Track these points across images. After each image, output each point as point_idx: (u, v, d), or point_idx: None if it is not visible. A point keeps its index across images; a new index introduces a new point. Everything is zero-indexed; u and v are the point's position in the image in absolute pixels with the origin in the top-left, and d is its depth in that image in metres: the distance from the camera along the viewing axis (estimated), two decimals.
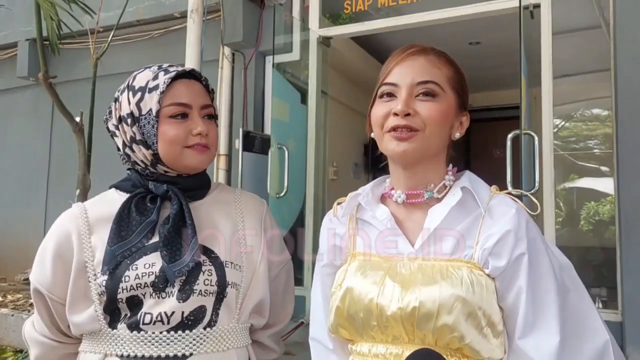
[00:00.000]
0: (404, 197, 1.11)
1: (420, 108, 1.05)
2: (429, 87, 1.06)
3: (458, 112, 1.10)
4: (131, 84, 1.25)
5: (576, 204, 3.64)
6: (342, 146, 5.41)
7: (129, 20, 4.57)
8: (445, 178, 1.11)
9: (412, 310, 0.99)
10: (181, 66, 1.28)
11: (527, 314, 1.00)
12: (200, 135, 1.22)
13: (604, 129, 3.48)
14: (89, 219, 1.24)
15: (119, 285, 1.15)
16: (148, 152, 1.22)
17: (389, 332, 1.03)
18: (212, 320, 1.18)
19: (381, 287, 1.03)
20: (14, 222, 5.74)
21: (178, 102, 1.21)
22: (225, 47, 4.15)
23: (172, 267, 1.14)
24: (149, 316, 1.15)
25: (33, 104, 5.73)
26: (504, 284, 1.02)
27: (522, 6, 3.00)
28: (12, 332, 4.19)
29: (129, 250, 1.18)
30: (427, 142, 1.05)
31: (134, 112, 1.22)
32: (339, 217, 1.18)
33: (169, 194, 1.23)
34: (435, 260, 1.04)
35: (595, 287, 3.42)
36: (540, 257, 1.02)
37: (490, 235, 1.02)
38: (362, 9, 4.04)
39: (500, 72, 5.36)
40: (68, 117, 3.36)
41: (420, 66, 1.08)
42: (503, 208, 1.05)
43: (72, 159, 3.78)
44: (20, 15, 5.24)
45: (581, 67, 3.51)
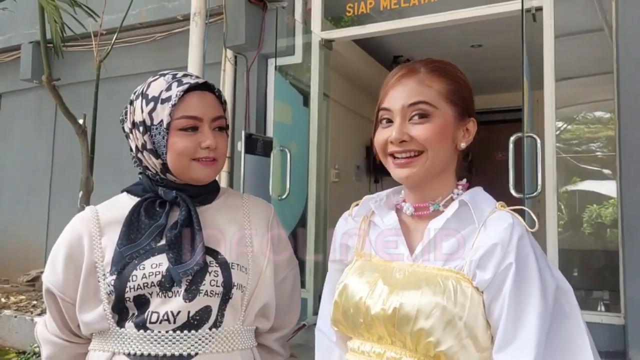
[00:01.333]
0: (412, 209, 1.14)
1: (415, 132, 1.07)
2: (420, 107, 1.07)
3: (459, 122, 1.10)
4: (145, 92, 1.26)
5: (578, 207, 3.64)
6: (344, 149, 5.41)
7: (132, 23, 4.59)
8: (453, 192, 1.13)
9: (393, 311, 1.02)
10: (195, 77, 1.29)
11: (506, 329, 0.99)
12: (209, 148, 1.24)
13: (607, 132, 3.47)
14: (100, 221, 1.27)
15: (126, 285, 1.18)
16: (157, 161, 1.25)
17: (374, 331, 1.06)
18: (218, 320, 1.20)
19: (372, 288, 1.07)
20: (17, 224, 5.76)
21: (189, 115, 1.23)
22: (227, 50, 4.16)
23: (177, 269, 1.17)
24: (156, 315, 1.17)
25: (36, 106, 5.75)
26: (489, 297, 1.02)
27: (525, 9, 3.00)
28: (15, 333, 4.20)
29: (137, 252, 1.21)
30: (430, 162, 1.07)
31: (146, 121, 1.24)
32: (353, 216, 1.22)
33: (177, 199, 1.26)
34: (427, 268, 1.06)
35: (598, 290, 3.41)
36: (529, 272, 1.01)
37: (479, 247, 1.03)
38: (365, 12, 4.04)
39: (502, 74, 5.35)
40: (71, 119, 3.37)
41: (410, 88, 1.09)
42: (498, 222, 1.05)
43: (75, 161, 3.79)
44: (24, 18, 5.27)
45: (583, 69, 3.51)
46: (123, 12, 3.76)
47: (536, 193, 3.02)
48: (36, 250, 5.33)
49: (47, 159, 5.64)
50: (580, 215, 3.62)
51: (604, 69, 3.19)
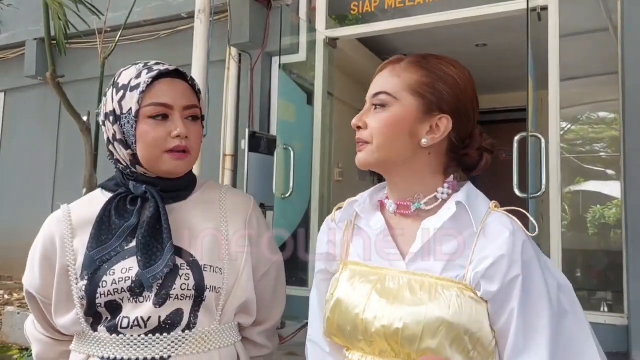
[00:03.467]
0: (394, 207, 1.10)
1: (370, 120, 1.07)
2: (379, 98, 1.06)
3: (424, 116, 1.04)
4: (116, 81, 1.23)
5: (582, 208, 3.63)
6: (347, 147, 5.38)
7: (137, 21, 4.59)
8: (438, 190, 1.07)
9: (395, 330, 0.98)
10: (168, 65, 1.25)
11: (517, 338, 0.97)
12: (180, 137, 1.18)
13: (611, 132, 3.46)
14: (72, 222, 1.23)
15: (97, 290, 1.15)
16: (127, 152, 1.20)
17: (375, 346, 1.02)
18: (191, 322, 1.17)
19: (367, 302, 1.02)
20: (21, 221, 5.76)
21: (158, 102, 1.18)
22: (232, 48, 4.16)
23: (146, 273, 1.13)
24: (127, 320, 1.15)
25: (40, 103, 5.76)
26: (495, 307, 0.99)
27: (530, 8, 2.99)
28: (18, 330, 4.21)
29: (108, 254, 1.17)
30: (379, 152, 1.05)
31: (116, 110, 1.20)
32: (336, 222, 1.17)
33: (147, 195, 1.21)
34: (424, 277, 1.01)
35: (601, 290, 3.40)
36: (534, 280, 0.99)
37: (484, 258, 0.99)
38: (369, 10, 4.04)
39: (507, 74, 5.34)
40: (75, 116, 3.37)
41: (380, 79, 1.08)
42: (498, 228, 1.01)
43: (79, 158, 3.80)
44: (29, 15, 5.27)
45: (588, 69, 3.50)
46: (127, 10, 3.76)
47: (540, 193, 3.02)
48: None
49: (51, 156, 5.65)
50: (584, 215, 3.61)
51: (609, 69, 3.18)
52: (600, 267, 3.55)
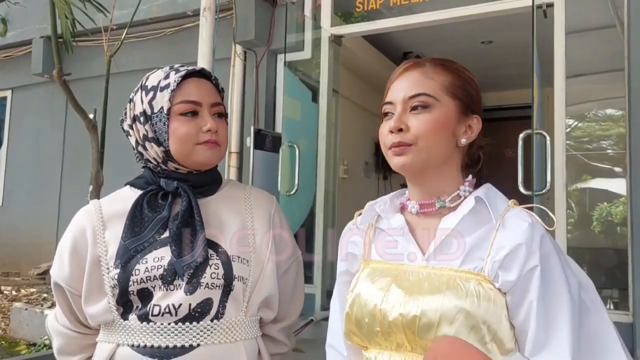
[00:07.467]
0: (417, 207, 1.12)
1: (412, 122, 1.06)
2: (420, 99, 1.06)
3: (461, 117, 1.08)
4: (144, 84, 1.30)
5: (588, 205, 3.62)
6: (352, 145, 5.41)
7: (142, 19, 4.61)
8: (460, 188, 1.10)
9: (413, 318, 0.99)
10: (192, 66, 1.32)
11: (538, 332, 0.97)
12: (210, 132, 1.25)
13: (617, 130, 3.45)
14: (103, 215, 1.29)
15: (129, 278, 1.20)
16: (160, 149, 1.26)
17: (392, 339, 1.03)
18: (219, 312, 1.22)
19: (386, 293, 1.04)
20: (28, 218, 5.81)
21: (188, 100, 1.25)
22: (237, 45, 4.17)
23: (180, 262, 1.20)
24: (158, 308, 1.19)
25: (47, 100, 5.79)
26: (514, 299, 0.99)
27: (536, 5, 2.98)
28: (26, 325, 4.24)
29: (141, 245, 1.23)
30: (424, 153, 1.05)
31: (146, 111, 1.26)
32: (358, 225, 1.20)
33: (179, 190, 1.27)
34: (444, 270, 1.03)
35: (607, 288, 3.40)
36: (554, 272, 0.99)
37: (501, 248, 1.00)
38: (374, 8, 4.04)
39: (512, 71, 5.33)
40: (82, 114, 3.39)
41: (412, 80, 1.08)
42: (517, 221, 1.03)
43: (86, 155, 3.82)
44: (35, 13, 5.30)
45: (594, 66, 3.48)
46: (133, 8, 3.77)
47: (545, 190, 3.01)
48: (47, 243, 5.37)
49: (57, 153, 5.69)
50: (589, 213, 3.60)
51: (615, 66, 3.17)
52: (606, 265, 3.54)
